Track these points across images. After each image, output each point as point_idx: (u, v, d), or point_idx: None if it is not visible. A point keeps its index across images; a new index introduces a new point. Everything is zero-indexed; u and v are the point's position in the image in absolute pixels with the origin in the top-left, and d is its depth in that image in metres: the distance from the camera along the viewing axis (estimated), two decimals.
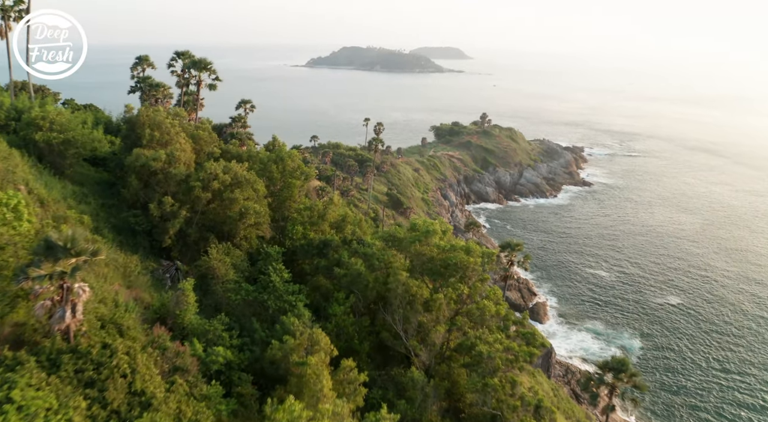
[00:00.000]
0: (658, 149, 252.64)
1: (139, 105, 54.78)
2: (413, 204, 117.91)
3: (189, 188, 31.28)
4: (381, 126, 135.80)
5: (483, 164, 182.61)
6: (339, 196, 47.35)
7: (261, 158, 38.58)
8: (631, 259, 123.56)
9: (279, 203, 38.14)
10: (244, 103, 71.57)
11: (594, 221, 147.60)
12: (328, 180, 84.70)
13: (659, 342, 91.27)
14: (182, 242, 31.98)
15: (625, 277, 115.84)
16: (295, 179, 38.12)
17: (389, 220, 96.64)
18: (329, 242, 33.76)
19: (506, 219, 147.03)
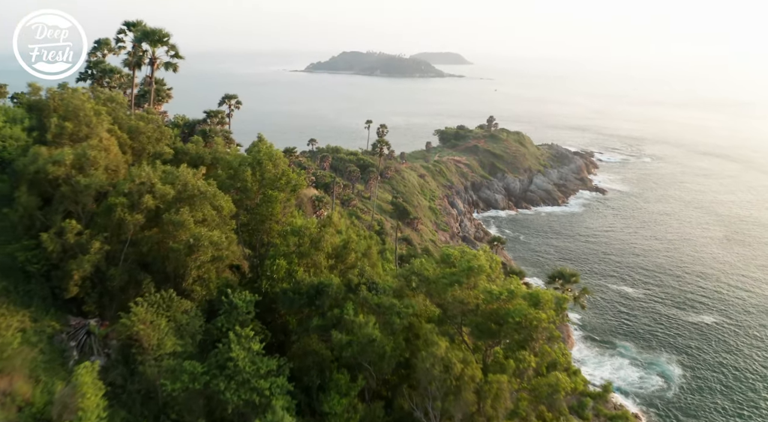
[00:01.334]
0: (669, 154, 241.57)
1: None
2: (420, 214, 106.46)
3: (109, 208, 20.08)
4: (384, 128, 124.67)
5: (491, 169, 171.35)
6: (339, 212, 35.33)
7: (230, 162, 27.14)
8: (657, 273, 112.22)
9: (255, 225, 26.95)
10: (229, 98, 60.33)
11: (612, 231, 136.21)
12: (327, 188, 73.57)
13: (701, 367, 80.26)
14: (101, 289, 20.75)
15: (652, 293, 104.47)
16: (278, 191, 26.79)
17: (396, 233, 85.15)
18: (325, 287, 22.48)
19: (518, 229, 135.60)
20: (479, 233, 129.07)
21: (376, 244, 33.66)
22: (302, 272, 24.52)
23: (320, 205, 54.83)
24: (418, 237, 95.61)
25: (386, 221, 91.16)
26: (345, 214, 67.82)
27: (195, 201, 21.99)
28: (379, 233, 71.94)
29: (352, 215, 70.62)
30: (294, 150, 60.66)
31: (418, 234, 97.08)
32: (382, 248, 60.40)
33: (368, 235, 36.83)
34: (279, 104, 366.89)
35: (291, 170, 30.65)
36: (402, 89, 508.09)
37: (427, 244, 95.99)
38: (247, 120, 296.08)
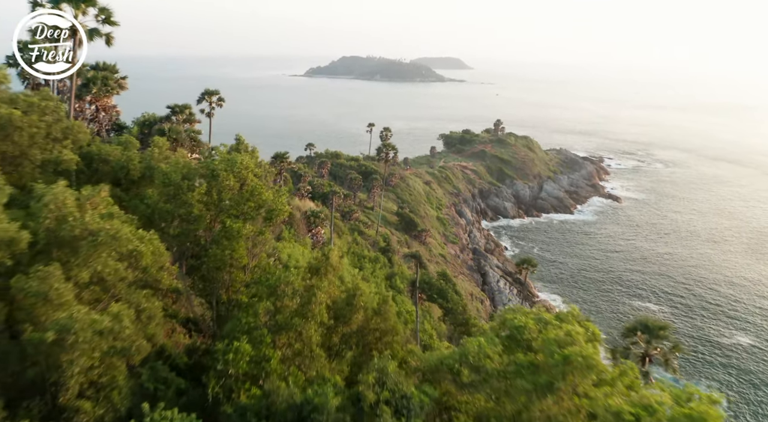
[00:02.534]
0: (680, 159, 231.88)
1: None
2: (428, 225, 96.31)
3: None
4: (388, 132, 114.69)
5: (499, 175, 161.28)
6: (340, 247, 24.84)
7: (167, 175, 17.04)
8: (683, 288, 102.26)
9: (209, 272, 16.99)
10: (209, 95, 50.35)
11: (631, 242, 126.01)
12: (325, 199, 63.60)
13: (746, 396, 70.79)
14: None
15: (680, 311, 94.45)
16: (244, 221, 16.84)
17: (402, 248, 75.02)
18: (314, 413, 12.32)
19: (532, 240, 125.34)
20: (490, 244, 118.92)
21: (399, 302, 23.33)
22: (278, 363, 14.43)
23: (316, 221, 44.72)
24: (426, 252, 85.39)
25: (392, 234, 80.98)
26: (346, 231, 57.64)
27: (79, 250, 12.10)
28: (385, 251, 61.79)
29: (354, 230, 60.52)
30: (286, 156, 51.10)
31: (427, 248, 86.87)
32: (390, 271, 50.34)
33: (381, 279, 26.56)
34: (277, 109, 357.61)
35: (271, 187, 20.61)
36: (402, 93, 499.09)
37: (440, 268, 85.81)
38: (242, 124, 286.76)
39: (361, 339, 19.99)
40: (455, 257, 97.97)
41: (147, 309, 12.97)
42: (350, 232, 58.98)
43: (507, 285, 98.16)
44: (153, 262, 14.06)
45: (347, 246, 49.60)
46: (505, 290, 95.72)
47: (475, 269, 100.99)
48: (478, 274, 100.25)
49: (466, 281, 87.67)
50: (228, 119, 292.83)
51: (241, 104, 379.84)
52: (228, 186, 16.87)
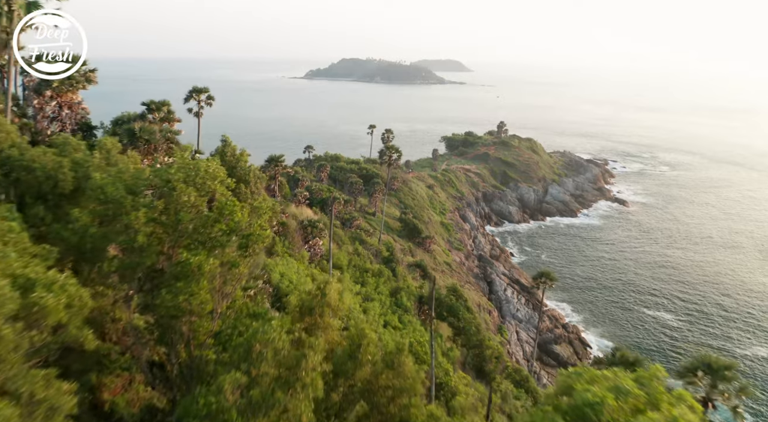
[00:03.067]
0: (685, 162, 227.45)
1: None
2: (432, 231, 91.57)
3: None
4: (390, 134, 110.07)
5: (503, 178, 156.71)
6: (341, 278, 20.47)
7: (102, 188, 12.24)
8: (697, 295, 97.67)
9: (163, 320, 12.20)
10: (197, 92, 45.71)
11: (641, 247, 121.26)
12: (324, 205, 58.83)
13: None
14: None
15: (696, 320, 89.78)
16: (208, 252, 12.17)
17: (406, 257, 70.29)
18: None
19: (539, 245, 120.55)
20: (495, 250, 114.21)
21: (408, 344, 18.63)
22: None
23: (313, 232, 40.01)
24: (431, 260, 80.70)
25: (395, 241, 76.27)
26: (347, 240, 52.88)
27: None
28: (388, 261, 57.09)
29: (355, 239, 55.80)
30: (281, 159, 46.42)
31: (431, 256, 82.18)
32: (395, 286, 45.64)
33: (385, 295, 21.84)
34: (276, 111, 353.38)
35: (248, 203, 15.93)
36: (403, 95, 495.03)
37: (447, 279, 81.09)
38: (239, 126, 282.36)
39: (368, 398, 15.33)
40: (460, 265, 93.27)
41: (45, 400, 8.40)
42: (351, 241, 54.28)
43: (515, 294, 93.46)
44: (70, 317, 9.54)
45: (348, 258, 44.84)
46: (513, 300, 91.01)
47: (481, 277, 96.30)
48: (484, 282, 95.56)
49: (472, 291, 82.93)
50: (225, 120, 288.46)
51: (240, 107, 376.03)
52: (187, 203, 12.29)
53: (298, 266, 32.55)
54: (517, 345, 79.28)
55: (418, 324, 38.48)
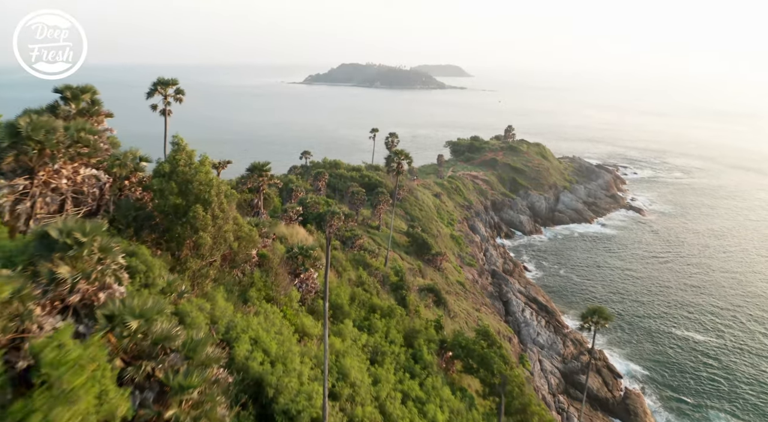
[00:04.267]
0: (698, 167, 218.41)
1: None
2: (442, 246, 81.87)
3: None
4: (394, 138, 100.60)
5: (512, 186, 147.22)
6: (343, 336, 11.25)
7: None
8: (729, 315, 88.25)
9: None
10: (163, 85, 36.24)
11: (663, 260, 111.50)
12: (321, 221, 48.85)
13: None
14: None
15: (729, 342, 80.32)
16: None
17: (416, 278, 60.51)
18: None
19: (555, 259, 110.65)
20: (508, 264, 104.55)
21: None
22: None
23: (305, 264, 30.34)
24: (443, 280, 71.01)
25: (401, 259, 66.59)
26: (348, 265, 43.16)
27: None
28: (397, 288, 47.38)
29: (359, 263, 46.12)
30: (266, 168, 36.14)
31: (443, 275, 72.48)
32: (410, 327, 35.98)
33: (399, 345, 12.85)
34: (274, 116, 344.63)
35: None
36: (404, 100, 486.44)
37: (454, 289, 71.35)
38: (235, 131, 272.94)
39: None
40: (473, 283, 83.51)
41: None
42: (353, 265, 44.61)
43: (533, 315, 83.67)
44: None
45: (349, 292, 35.17)
46: (532, 322, 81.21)
47: (496, 295, 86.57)
48: (500, 301, 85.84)
49: (489, 315, 73.17)
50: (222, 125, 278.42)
51: (238, 112, 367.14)
52: None
53: (280, 322, 22.86)
54: (542, 377, 69.50)
55: (443, 385, 28.78)
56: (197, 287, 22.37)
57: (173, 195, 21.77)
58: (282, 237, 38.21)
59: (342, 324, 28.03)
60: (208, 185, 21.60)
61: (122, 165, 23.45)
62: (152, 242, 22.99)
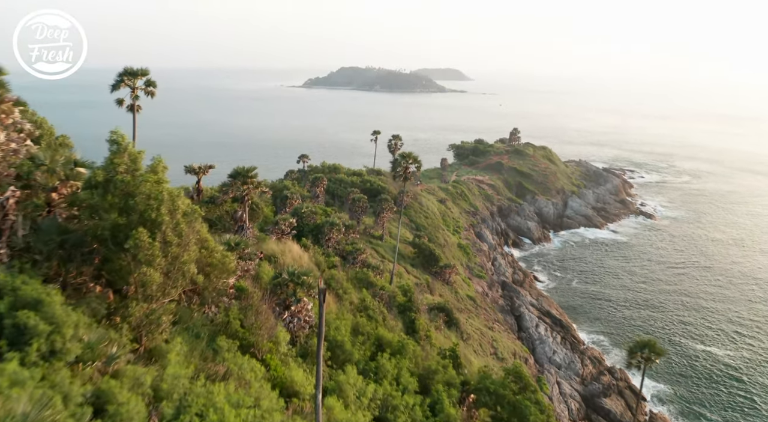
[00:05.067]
0: (707, 171, 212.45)
1: None
2: (450, 256, 75.70)
3: None
4: (398, 140, 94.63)
5: (518, 190, 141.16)
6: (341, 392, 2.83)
7: None
8: (754, 327, 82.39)
9: None
10: (131, 76, 30.33)
11: (681, 269, 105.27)
12: (318, 234, 42.74)
13: None
14: None
15: (758, 357, 74.52)
16: None
17: (424, 294, 54.40)
18: None
19: (566, 268, 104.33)
20: (518, 274, 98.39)
21: None
22: None
23: (297, 293, 24.21)
24: (452, 295, 64.86)
25: (406, 273, 60.51)
26: (350, 286, 37.02)
27: None
28: (405, 310, 41.30)
29: (361, 282, 40.05)
30: (251, 174, 29.69)
31: (452, 290, 66.32)
32: (425, 366, 29.85)
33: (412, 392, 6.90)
34: (272, 119, 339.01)
35: None
36: (404, 104, 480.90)
37: (465, 305, 65.19)
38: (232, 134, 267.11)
39: None
40: (484, 296, 77.31)
41: None
42: (355, 286, 38.54)
43: (548, 331, 77.44)
44: None
45: (351, 324, 29.04)
46: (547, 339, 74.94)
47: (507, 309, 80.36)
48: (512, 316, 79.61)
49: (503, 333, 67.00)
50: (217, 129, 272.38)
51: (236, 116, 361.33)
52: None
53: (260, 382, 16.73)
54: (561, 402, 63.28)
55: None
56: (146, 339, 16.24)
57: (110, 212, 15.69)
58: (272, 256, 32.13)
59: (342, 373, 21.96)
60: (157, 199, 15.51)
61: (50, 172, 17.41)
62: (90, 276, 16.93)
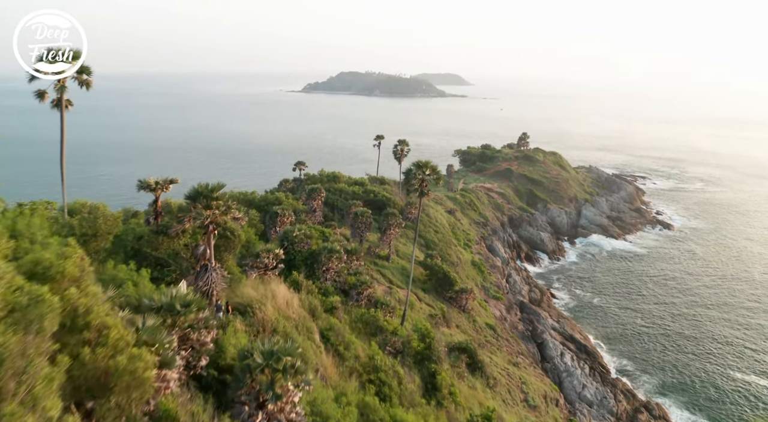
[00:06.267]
0: (719, 177, 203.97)
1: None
2: (464, 276, 66.85)
3: None
4: (404, 146, 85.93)
5: (529, 199, 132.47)
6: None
7: None
8: None
9: None
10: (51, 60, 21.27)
11: (707, 284, 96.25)
12: (314, 264, 33.84)
13: None
14: None
15: None
16: None
17: (440, 328, 45.54)
18: None
19: (585, 284, 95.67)
20: (534, 292, 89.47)
21: None
22: None
23: (276, 385, 15.42)
24: (470, 325, 55.93)
25: (418, 302, 51.63)
26: (354, 339, 28.16)
27: None
28: (424, 359, 32.56)
29: (368, 327, 31.26)
30: (214, 195, 21.52)
31: (469, 318, 57.38)
32: None
33: None
34: (270, 124, 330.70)
35: None
36: (404, 109, 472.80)
37: (485, 336, 56.22)
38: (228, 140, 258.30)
39: None
40: (502, 322, 68.38)
41: None
42: (361, 334, 29.83)
43: (575, 361, 68.52)
44: None
45: (357, 408, 20.21)
46: (575, 371, 65.92)
47: (528, 336, 71.38)
48: (533, 343, 70.71)
49: (528, 367, 58.01)
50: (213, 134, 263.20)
51: (234, 121, 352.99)
52: None
53: None
54: None
55: None
56: None
57: None
58: (248, 306, 23.30)
59: None
60: None
61: None
62: None
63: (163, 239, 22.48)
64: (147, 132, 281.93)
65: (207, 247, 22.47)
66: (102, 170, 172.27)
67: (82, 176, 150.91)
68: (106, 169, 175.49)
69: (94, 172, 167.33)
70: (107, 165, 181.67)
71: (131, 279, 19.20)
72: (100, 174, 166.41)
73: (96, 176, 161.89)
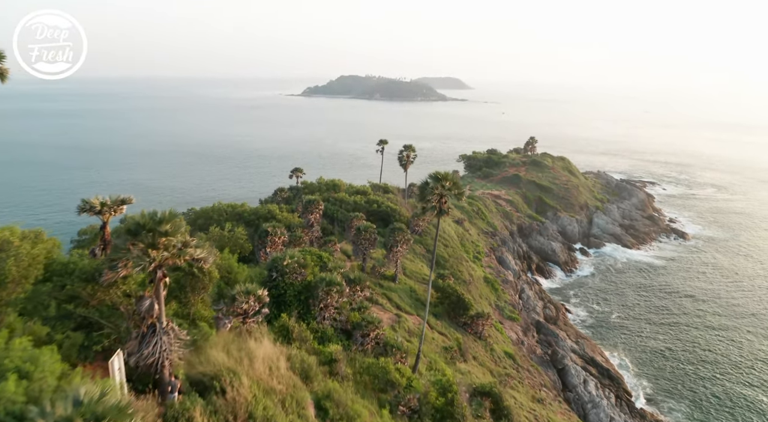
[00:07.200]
0: (731, 182, 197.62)
1: None
2: (478, 296, 60.29)
3: None
4: (411, 151, 79.30)
5: (539, 206, 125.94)
6: None
7: None
8: None
9: None
10: None
11: (734, 301, 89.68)
12: (308, 298, 27.53)
13: None
14: None
15: None
16: None
17: (458, 365, 38.96)
18: None
19: (602, 299, 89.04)
20: (549, 308, 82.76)
21: None
22: None
23: None
24: (487, 354, 49.27)
25: (429, 331, 45.01)
26: (361, 391, 21.46)
27: None
28: (444, 418, 25.93)
29: (378, 380, 24.85)
30: (162, 228, 16.59)
31: (486, 347, 50.72)
32: None
33: None
34: (269, 128, 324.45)
35: None
36: (405, 112, 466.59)
37: (504, 367, 49.55)
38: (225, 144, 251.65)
39: None
40: (520, 346, 61.74)
41: None
42: (369, 391, 23.34)
43: (599, 388, 61.85)
44: None
45: None
46: (600, 401, 59.13)
47: (546, 360, 64.74)
48: (552, 368, 64.04)
49: (555, 405, 51.25)
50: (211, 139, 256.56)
51: (231, 124, 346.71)
52: None
53: None
54: None
55: None
56: None
57: None
58: (214, 379, 16.72)
59: None
60: None
61: None
62: None
63: (94, 288, 16.05)
64: (135, 138, 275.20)
65: (155, 301, 15.84)
66: (89, 177, 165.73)
67: (67, 185, 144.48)
68: (98, 175, 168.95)
69: (83, 178, 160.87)
70: (104, 171, 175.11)
71: (30, 362, 12.60)
72: (92, 181, 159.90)
73: (86, 184, 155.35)
